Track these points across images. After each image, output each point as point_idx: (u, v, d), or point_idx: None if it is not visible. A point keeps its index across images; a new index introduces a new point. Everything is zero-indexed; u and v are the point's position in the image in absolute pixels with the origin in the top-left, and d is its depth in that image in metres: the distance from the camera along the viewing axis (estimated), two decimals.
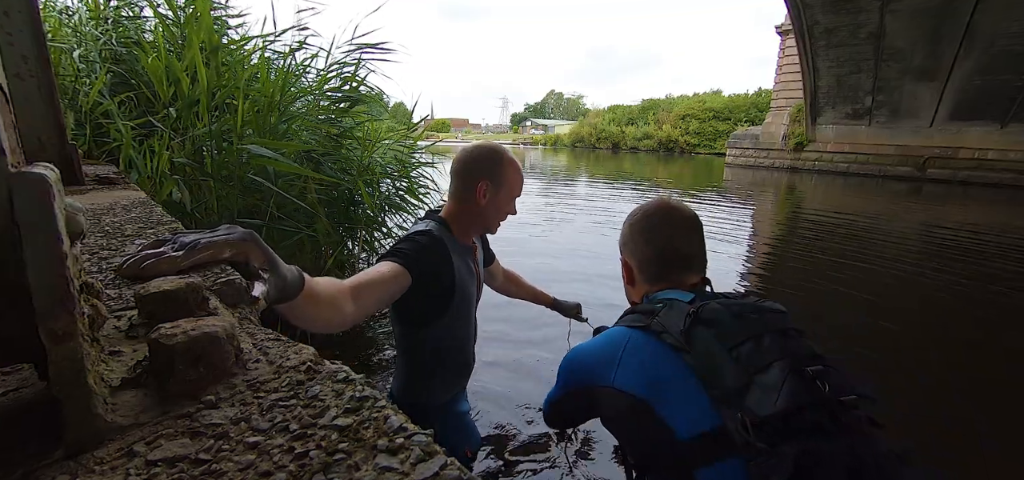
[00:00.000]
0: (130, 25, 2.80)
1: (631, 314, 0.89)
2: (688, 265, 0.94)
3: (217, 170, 2.17)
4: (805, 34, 15.89)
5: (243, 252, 0.57)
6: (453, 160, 1.22)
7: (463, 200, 1.19)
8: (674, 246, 0.94)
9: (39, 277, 0.31)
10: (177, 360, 0.41)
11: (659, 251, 0.94)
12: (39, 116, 1.31)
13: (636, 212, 1.01)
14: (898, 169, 16.18)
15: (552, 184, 11.72)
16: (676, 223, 0.95)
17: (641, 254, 0.97)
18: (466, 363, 1.33)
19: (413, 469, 0.33)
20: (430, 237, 1.12)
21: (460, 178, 1.18)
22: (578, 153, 36.92)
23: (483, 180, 1.16)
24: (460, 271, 1.17)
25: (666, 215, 0.96)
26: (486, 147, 1.20)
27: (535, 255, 4.55)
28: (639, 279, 0.98)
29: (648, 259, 0.96)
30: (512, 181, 1.20)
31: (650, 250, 0.95)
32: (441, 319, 1.16)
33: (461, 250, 1.21)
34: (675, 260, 0.94)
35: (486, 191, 1.17)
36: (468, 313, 1.25)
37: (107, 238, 0.96)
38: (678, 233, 0.95)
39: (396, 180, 3.35)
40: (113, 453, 0.35)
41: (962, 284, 4.22)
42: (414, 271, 1.02)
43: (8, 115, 0.59)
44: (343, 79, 2.97)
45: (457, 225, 1.21)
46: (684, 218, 0.96)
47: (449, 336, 1.20)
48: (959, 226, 7.17)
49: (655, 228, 0.95)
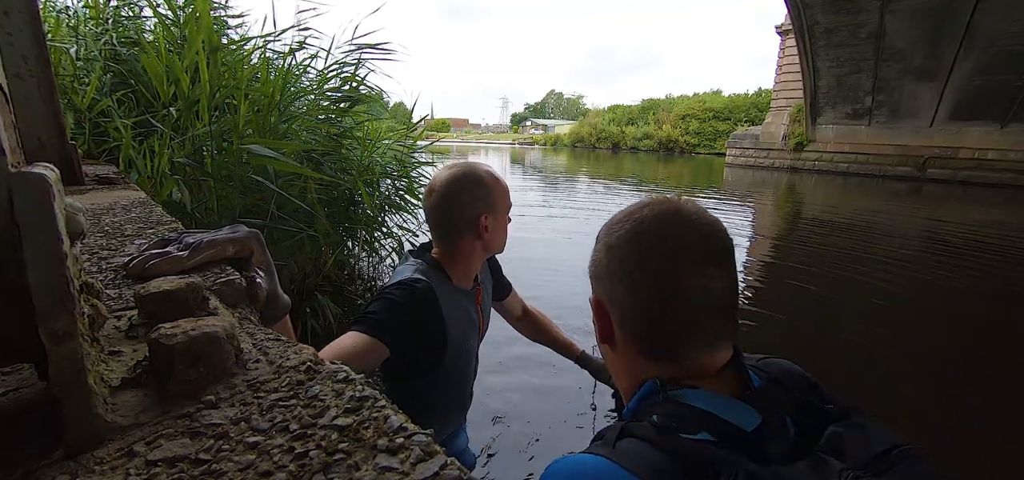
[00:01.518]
0: (130, 25, 2.80)
1: (655, 449, 0.44)
2: (706, 332, 0.52)
3: (217, 170, 2.17)
4: (805, 34, 15.89)
5: (246, 248, 0.57)
6: (431, 199, 1.04)
7: (460, 241, 1.04)
8: (691, 296, 0.51)
9: (39, 277, 0.31)
10: (177, 360, 0.41)
11: (661, 303, 0.52)
12: (39, 116, 1.31)
13: (622, 222, 0.56)
14: (898, 169, 16.19)
15: (553, 184, 11.72)
16: (692, 251, 0.51)
17: (626, 302, 0.55)
18: (462, 405, 1.19)
19: (413, 469, 0.33)
20: (411, 293, 0.95)
21: (453, 215, 1.02)
22: (578, 153, 36.93)
23: (483, 213, 1.03)
24: (453, 324, 1.02)
25: (671, 235, 0.52)
26: (465, 173, 1.03)
27: (536, 248, 4.55)
28: (624, 342, 0.56)
29: (636, 313, 0.54)
30: (503, 196, 1.08)
31: (645, 301, 0.53)
32: (430, 374, 1.02)
33: (459, 297, 1.06)
34: (692, 322, 0.51)
35: (487, 223, 1.03)
36: (466, 362, 1.11)
37: (107, 238, 0.96)
38: (693, 271, 0.51)
39: (396, 180, 3.36)
40: (113, 453, 0.35)
41: (963, 282, 4.22)
42: (390, 341, 0.89)
43: (8, 115, 0.59)
44: (343, 79, 2.97)
45: (456, 269, 1.06)
46: (703, 240, 0.52)
47: (441, 387, 1.05)
48: (959, 226, 7.17)
49: (654, 258, 0.52)
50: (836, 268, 4.57)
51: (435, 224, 1.05)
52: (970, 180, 14.61)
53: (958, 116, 15.04)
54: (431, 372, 1.02)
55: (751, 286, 4.05)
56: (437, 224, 1.05)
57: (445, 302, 1.01)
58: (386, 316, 0.91)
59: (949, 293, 3.97)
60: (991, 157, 14.55)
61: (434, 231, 1.07)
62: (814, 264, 4.74)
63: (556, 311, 1.83)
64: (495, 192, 1.05)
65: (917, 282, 4.28)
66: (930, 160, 15.61)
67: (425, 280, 0.99)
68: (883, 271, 4.48)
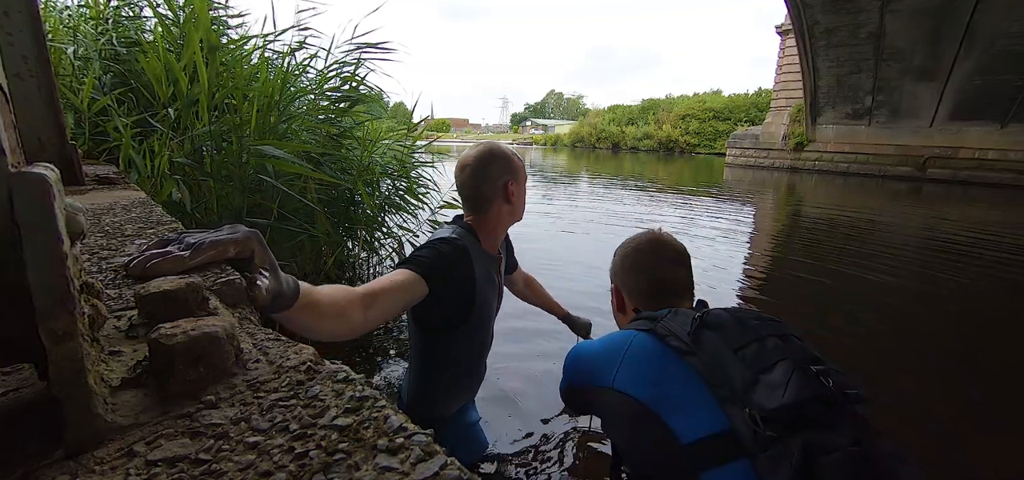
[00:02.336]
0: (130, 25, 2.80)
1: (635, 320, 0.92)
2: (676, 294, 1.00)
3: (217, 170, 2.17)
4: (805, 34, 15.89)
5: (247, 248, 0.57)
6: (464, 173, 1.20)
7: (492, 206, 1.19)
8: (663, 277, 1.00)
9: (39, 277, 0.31)
10: (177, 360, 0.41)
11: (649, 282, 1.01)
12: (39, 116, 1.31)
13: (627, 245, 1.07)
14: (898, 169, 16.19)
15: (553, 184, 11.72)
16: (664, 257, 1.02)
17: (632, 284, 1.04)
18: (479, 373, 1.33)
19: (413, 469, 0.33)
20: (453, 246, 1.10)
21: (484, 185, 1.18)
22: (578, 153, 36.93)
23: (509, 180, 1.19)
24: (481, 282, 1.15)
25: (654, 249, 1.03)
26: (491, 149, 1.22)
27: (537, 242, 4.55)
28: (629, 306, 1.05)
29: (638, 289, 1.03)
30: (523, 169, 1.26)
31: (641, 281, 1.02)
32: (459, 328, 1.15)
33: (486, 261, 1.20)
34: (665, 290, 1.00)
35: (513, 189, 1.20)
36: (486, 324, 1.24)
37: (107, 238, 0.96)
38: (667, 266, 1.01)
39: (396, 180, 3.35)
40: (113, 453, 0.35)
41: (964, 279, 4.22)
42: (431, 280, 1.00)
43: (8, 115, 0.59)
44: (343, 79, 2.97)
45: (486, 234, 1.21)
46: (672, 251, 1.03)
47: (466, 345, 1.20)
48: (960, 225, 7.17)
49: (644, 261, 1.02)
50: (837, 265, 4.57)
51: (469, 193, 1.20)
52: (970, 180, 14.61)
53: (958, 116, 15.04)
54: (458, 327, 1.15)
55: (752, 284, 4.05)
56: (471, 192, 1.19)
57: (476, 261, 1.15)
58: (433, 260, 1.03)
59: (951, 289, 3.97)
60: (991, 157, 14.55)
61: (468, 201, 1.22)
62: (814, 262, 4.74)
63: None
64: (516, 164, 1.23)
65: (919, 279, 4.28)
66: (930, 160, 15.60)
67: (462, 241, 1.13)
68: (884, 268, 4.48)
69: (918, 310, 3.64)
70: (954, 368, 2.66)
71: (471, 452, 1.36)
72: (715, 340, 0.76)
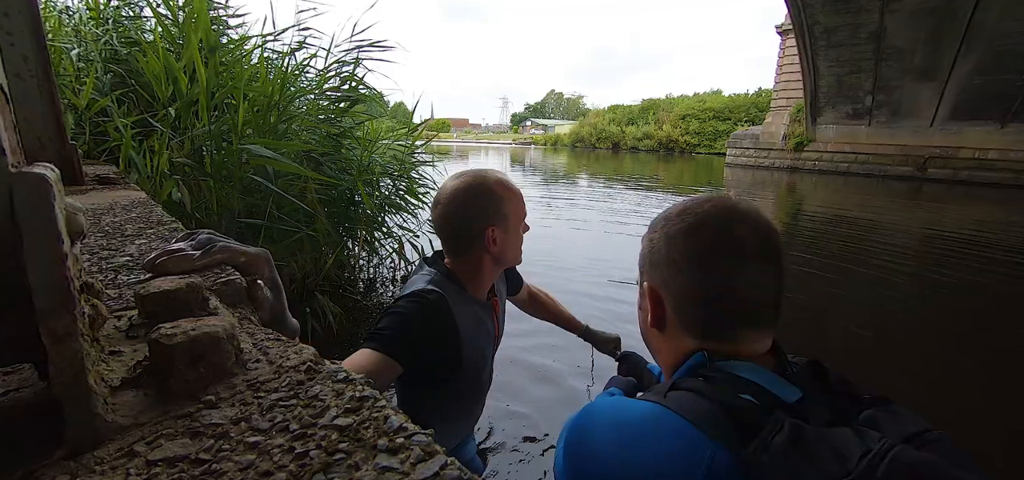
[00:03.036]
0: (130, 25, 2.80)
1: (704, 397, 0.49)
2: (756, 319, 0.56)
3: (217, 170, 2.17)
4: (805, 34, 15.89)
5: (255, 264, 0.57)
6: (436, 211, 1.01)
7: (471, 253, 1.00)
8: (742, 286, 0.56)
9: (39, 277, 0.31)
10: (177, 360, 0.41)
11: (718, 292, 0.57)
12: (39, 116, 1.31)
13: (681, 215, 0.60)
14: (898, 169, 16.18)
15: (553, 182, 11.72)
16: (748, 247, 0.56)
17: (687, 290, 0.59)
18: (475, 415, 1.18)
19: (413, 469, 0.33)
20: (423, 304, 0.92)
21: (459, 233, 0.99)
22: (578, 153, 36.92)
23: (489, 228, 0.98)
24: (468, 336, 0.98)
25: (730, 231, 0.56)
26: (469, 187, 0.98)
27: (537, 241, 4.55)
28: (675, 325, 0.61)
29: (695, 299, 0.58)
30: (516, 208, 1.01)
31: (703, 289, 0.57)
32: (447, 383, 0.99)
33: (475, 307, 1.03)
34: (743, 308, 0.56)
35: (496, 236, 0.98)
36: (480, 373, 1.07)
37: (107, 238, 0.96)
38: (751, 265, 0.56)
39: (396, 180, 3.35)
40: (113, 453, 0.35)
41: (963, 279, 4.22)
42: (402, 358, 0.86)
43: (8, 115, 0.59)
44: (342, 79, 2.97)
45: (468, 281, 1.03)
46: (760, 238, 0.56)
47: (455, 397, 1.03)
48: (960, 225, 7.17)
49: (715, 252, 0.57)
50: (837, 264, 4.57)
51: (443, 238, 1.02)
52: (970, 180, 14.61)
53: (958, 116, 15.04)
54: (445, 383, 0.99)
55: None
56: (445, 238, 1.02)
57: (459, 313, 0.97)
58: (397, 332, 0.88)
59: (950, 288, 3.97)
60: (991, 157, 14.54)
61: (443, 244, 1.04)
62: (815, 261, 4.74)
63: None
64: (506, 202, 0.99)
65: (919, 278, 4.28)
66: (930, 160, 15.60)
67: (438, 291, 0.95)
68: (884, 268, 4.48)
69: (919, 309, 3.64)
70: (954, 366, 2.66)
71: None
72: None
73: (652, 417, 0.49)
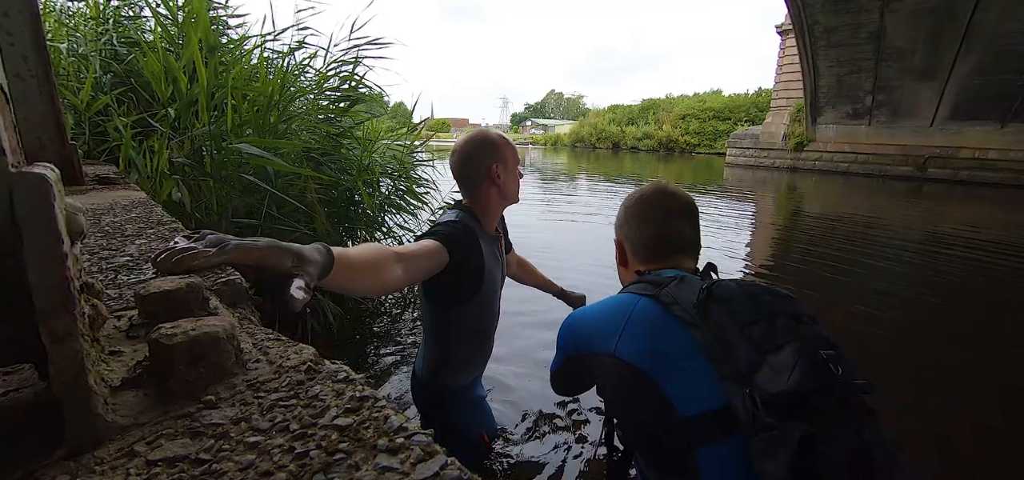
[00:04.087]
0: (130, 25, 2.80)
1: (638, 283, 0.86)
2: (681, 249, 0.94)
3: (216, 170, 2.17)
4: (805, 34, 15.88)
5: (268, 258, 0.57)
6: (454, 158, 1.30)
7: (481, 189, 1.28)
8: (669, 230, 0.94)
9: (39, 277, 0.31)
10: (177, 360, 0.41)
11: (654, 234, 0.95)
12: (39, 116, 1.31)
13: (632, 196, 1.01)
14: (898, 169, 16.18)
15: (552, 183, 11.72)
16: (671, 208, 0.95)
17: (635, 237, 0.97)
18: (488, 347, 1.41)
19: (413, 469, 0.33)
20: (462, 225, 1.21)
21: (471, 170, 1.26)
22: (578, 153, 36.92)
23: (493, 163, 1.26)
24: (488, 257, 1.26)
25: (661, 199, 0.96)
26: (477, 137, 1.30)
27: (540, 234, 4.56)
28: (632, 260, 0.99)
29: (642, 242, 0.96)
30: (511, 153, 1.31)
31: (645, 233, 0.96)
32: (470, 301, 1.24)
33: (488, 239, 1.30)
34: (669, 244, 0.94)
35: (499, 171, 1.26)
36: (493, 297, 1.34)
37: (107, 238, 0.96)
38: (673, 218, 0.94)
39: (396, 180, 3.35)
40: (113, 453, 0.35)
41: (964, 278, 4.22)
42: (451, 250, 1.10)
43: (8, 115, 0.59)
44: (342, 78, 2.97)
45: (484, 214, 1.30)
46: (679, 203, 0.96)
47: (476, 318, 1.28)
48: (960, 225, 7.17)
49: (650, 212, 0.96)
50: (838, 263, 4.57)
51: (459, 178, 1.30)
52: (971, 180, 14.60)
53: (958, 116, 15.03)
54: (469, 300, 1.23)
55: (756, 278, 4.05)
56: (461, 178, 1.29)
57: (481, 238, 1.25)
58: (450, 233, 1.14)
59: (951, 287, 3.97)
60: (991, 157, 14.53)
61: (460, 185, 1.31)
62: (815, 260, 4.74)
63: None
64: (503, 148, 1.28)
65: (919, 277, 4.28)
66: (930, 160, 15.60)
67: (466, 220, 1.24)
68: (884, 267, 4.48)
69: (919, 307, 3.64)
70: (955, 364, 2.66)
71: (481, 425, 1.45)
72: (722, 313, 0.73)
73: (608, 299, 0.88)
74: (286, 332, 0.66)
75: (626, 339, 0.78)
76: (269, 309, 1.05)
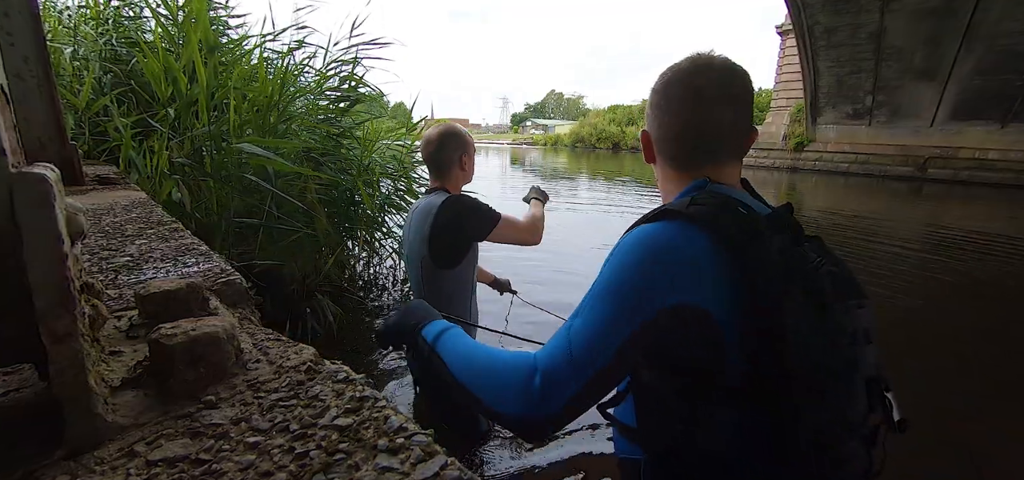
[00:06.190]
0: (130, 26, 2.80)
1: (687, 200, 0.63)
2: (719, 150, 0.69)
3: (216, 170, 2.17)
4: (805, 34, 15.88)
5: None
6: (429, 146, 1.50)
7: (453, 172, 1.52)
8: (701, 118, 0.68)
9: (39, 277, 0.31)
10: (177, 360, 0.41)
11: (683, 125, 0.69)
12: (39, 116, 1.31)
13: (662, 74, 0.75)
14: (899, 169, 16.17)
15: (554, 183, 11.72)
16: (706, 93, 0.67)
17: (658, 130, 0.73)
18: (474, 310, 1.57)
19: (413, 469, 0.33)
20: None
21: (446, 158, 1.49)
22: (578, 153, 36.91)
23: (462, 153, 1.51)
24: None
25: (691, 82, 0.68)
26: (449, 129, 1.53)
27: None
28: (659, 158, 0.76)
29: (666, 137, 0.72)
30: (472, 143, 1.57)
31: (670, 121, 0.71)
32: (464, 260, 1.46)
33: None
34: (700, 139, 0.69)
35: (465, 161, 1.53)
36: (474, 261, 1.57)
37: (107, 238, 0.96)
38: (705, 107, 0.67)
39: (396, 180, 3.35)
40: (113, 453, 0.35)
41: (964, 278, 4.22)
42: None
43: (8, 115, 0.59)
44: (342, 78, 2.97)
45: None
46: (717, 85, 0.67)
47: (466, 277, 1.49)
48: (960, 225, 7.17)
49: (679, 94, 0.70)
50: None
51: (435, 163, 1.50)
52: (971, 180, 14.58)
53: (958, 116, 15.02)
54: (464, 259, 1.45)
55: None
56: (436, 163, 1.50)
57: None
58: (484, 205, 1.44)
59: (951, 287, 3.97)
60: (992, 157, 14.52)
61: (434, 169, 1.52)
62: None
63: (554, 289, 1.98)
64: (466, 140, 1.55)
65: (919, 276, 4.28)
66: (930, 160, 15.59)
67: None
68: (885, 266, 4.48)
69: (919, 304, 3.64)
70: (952, 366, 2.66)
71: None
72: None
73: (657, 232, 0.62)
74: (285, 333, 0.66)
75: (705, 284, 0.59)
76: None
